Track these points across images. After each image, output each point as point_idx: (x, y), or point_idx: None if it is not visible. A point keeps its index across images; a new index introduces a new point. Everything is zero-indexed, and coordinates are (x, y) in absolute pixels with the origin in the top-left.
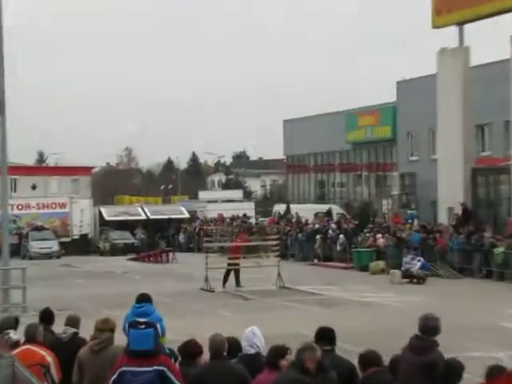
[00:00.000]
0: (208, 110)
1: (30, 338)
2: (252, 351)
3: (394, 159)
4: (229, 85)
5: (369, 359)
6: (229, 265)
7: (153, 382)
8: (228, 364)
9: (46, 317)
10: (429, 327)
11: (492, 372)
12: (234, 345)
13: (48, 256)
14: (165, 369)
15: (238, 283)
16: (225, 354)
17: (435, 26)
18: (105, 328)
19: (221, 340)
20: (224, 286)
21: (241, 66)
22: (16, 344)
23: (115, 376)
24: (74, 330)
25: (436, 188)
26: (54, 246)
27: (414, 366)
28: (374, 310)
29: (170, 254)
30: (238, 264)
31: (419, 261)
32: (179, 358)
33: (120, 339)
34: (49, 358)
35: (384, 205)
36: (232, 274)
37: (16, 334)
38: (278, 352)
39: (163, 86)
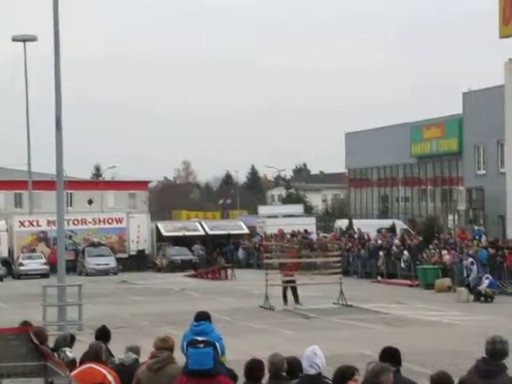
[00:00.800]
0: (268, 122)
1: (94, 356)
2: (313, 371)
3: (461, 173)
4: (290, 96)
5: (441, 382)
6: (284, 282)
7: None
8: None
9: (103, 335)
10: (496, 351)
11: None
12: (294, 365)
13: (105, 272)
14: None
15: (296, 300)
16: (284, 374)
17: (502, 35)
18: (164, 346)
19: (280, 360)
20: (285, 303)
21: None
22: (72, 362)
23: None
24: (135, 356)
25: (505, 203)
26: (110, 262)
27: None
28: (439, 330)
29: (229, 271)
30: (293, 281)
31: (487, 278)
32: (238, 379)
33: (179, 358)
34: (110, 376)
35: (450, 220)
36: (289, 291)
37: (72, 352)
38: (346, 373)
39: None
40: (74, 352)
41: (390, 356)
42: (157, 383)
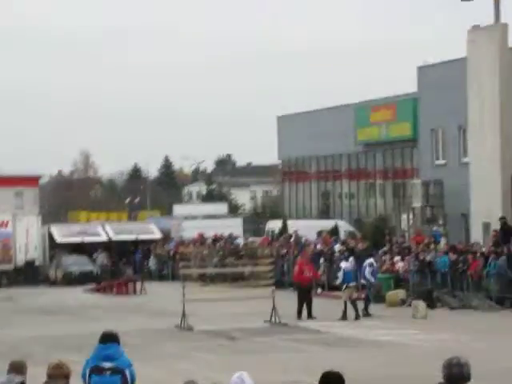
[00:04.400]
0: (182, 107)
1: None
2: None
3: (416, 163)
4: (210, 74)
5: None
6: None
7: None
8: None
9: None
10: (453, 376)
11: None
12: None
13: None
14: None
15: (309, 314)
16: None
17: None
18: (58, 374)
19: None
20: (299, 317)
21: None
22: None
23: None
24: (20, 378)
25: (468, 199)
26: None
27: None
28: (391, 351)
29: (138, 284)
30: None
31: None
32: None
33: None
34: None
35: (403, 220)
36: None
37: None
38: None
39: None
40: None
41: (332, 382)
42: None
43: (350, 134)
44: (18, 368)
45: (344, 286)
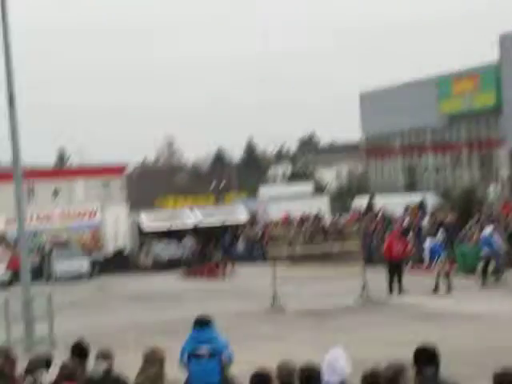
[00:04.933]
0: (266, 85)
1: (67, 376)
2: (336, 379)
3: (501, 133)
4: (290, 52)
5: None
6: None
7: None
8: None
9: (79, 351)
10: None
11: None
12: (310, 373)
13: (77, 277)
14: None
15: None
16: None
17: None
18: (153, 359)
19: (290, 368)
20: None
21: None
22: None
23: None
24: (105, 365)
25: None
26: (83, 264)
27: None
28: (485, 324)
29: (228, 267)
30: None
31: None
32: None
33: (171, 374)
34: None
35: (491, 191)
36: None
37: (48, 376)
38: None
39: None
40: (51, 375)
41: (427, 356)
42: None
43: (433, 106)
44: (104, 354)
45: (435, 261)
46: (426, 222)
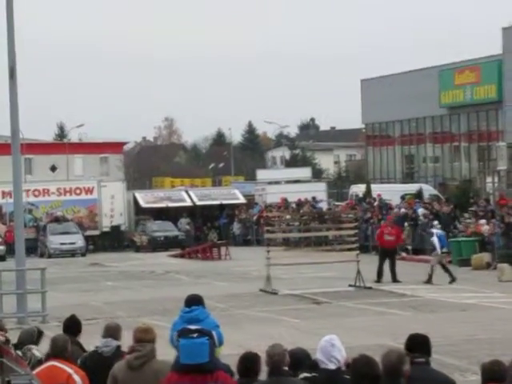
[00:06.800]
0: (267, 71)
1: (58, 352)
2: (331, 366)
3: (501, 126)
4: (293, 37)
5: (494, 372)
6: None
7: None
8: (289, 381)
9: (72, 327)
10: None
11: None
12: (299, 358)
13: (71, 253)
14: None
15: (394, 277)
16: (286, 368)
17: None
18: (145, 338)
19: (280, 352)
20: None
21: (307, 11)
22: (40, 362)
23: None
24: (116, 342)
25: None
26: (78, 240)
27: None
28: (477, 315)
29: (223, 249)
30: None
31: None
32: (235, 376)
33: (163, 353)
34: (76, 376)
35: (488, 183)
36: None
37: (39, 351)
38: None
39: (211, 40)
40: (42, 349)
41: (419, 345)
42: (139, 382)
43: (434, 97)
44: (114, 332)
45: (436, 251)
46: (421, 211)
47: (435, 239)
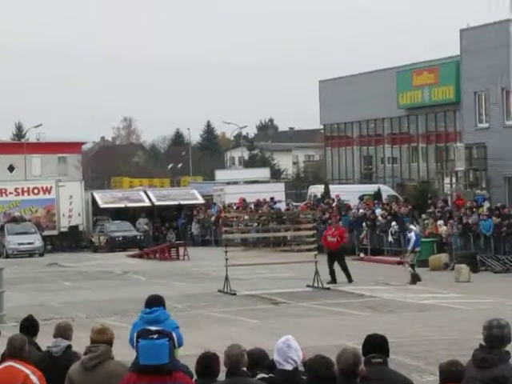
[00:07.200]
0: (226, 72)
1: (15, 353)
2: (288, 367)
3: (458, 127)
4: (252, 41)
5: (451, 373)
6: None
7: None
8: (247, 381)
9: (29, 327)
10: (494, 337)
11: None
12: (258, 358)
13: (29, 253)
14: None
15: (349, 279)
16: (244, 369)
17: None
18: (100, 339)
19: (238, 352)
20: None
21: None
22: None
23: None
24: (67, 342)
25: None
26: (36, 240)
27: (477, 382)
28: (435, 315)
29: (181, 249)
30: None
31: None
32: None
33: (120, 354)
34: (33, 377)
35: (446, 184)
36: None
37: None
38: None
39: (168, 42)
40: None
41: (376, 346)
42: (92, 383)
43: (392, 98)
44: (64, 331)
45: (410, 251)
46: (379, 212)
47: (413, 235)
